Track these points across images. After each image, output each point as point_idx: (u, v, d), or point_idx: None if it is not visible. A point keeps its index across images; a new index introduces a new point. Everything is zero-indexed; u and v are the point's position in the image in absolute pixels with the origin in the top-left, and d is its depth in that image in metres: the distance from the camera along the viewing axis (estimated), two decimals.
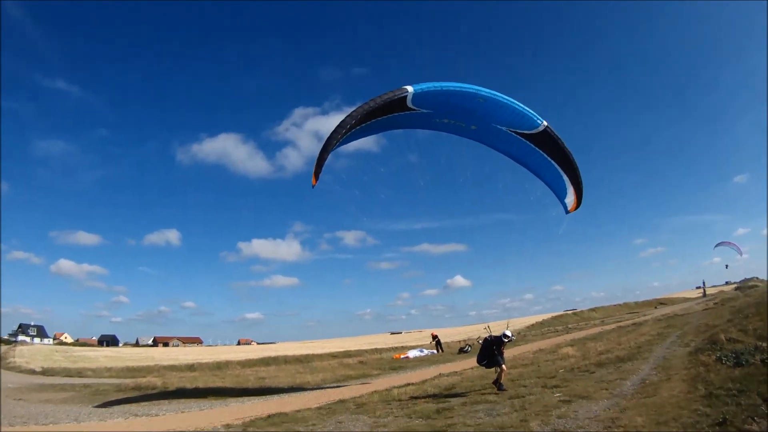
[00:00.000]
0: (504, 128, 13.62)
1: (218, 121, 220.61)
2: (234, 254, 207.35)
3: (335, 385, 17.12)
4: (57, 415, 10.93)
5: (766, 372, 8.38)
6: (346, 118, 12.10)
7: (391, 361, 27.41)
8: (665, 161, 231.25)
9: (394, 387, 14.17)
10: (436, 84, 12.52)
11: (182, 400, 14.02)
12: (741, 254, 48.90)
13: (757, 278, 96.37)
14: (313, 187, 12.30)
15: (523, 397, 10.14)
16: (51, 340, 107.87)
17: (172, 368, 29.69)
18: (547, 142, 13.77)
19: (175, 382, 20.24)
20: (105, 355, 53.48)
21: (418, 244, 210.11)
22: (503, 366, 11.43)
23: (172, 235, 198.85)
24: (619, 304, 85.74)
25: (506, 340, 11.47)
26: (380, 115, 12.52)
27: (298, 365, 29.74)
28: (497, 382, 11.37)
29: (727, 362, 10.31)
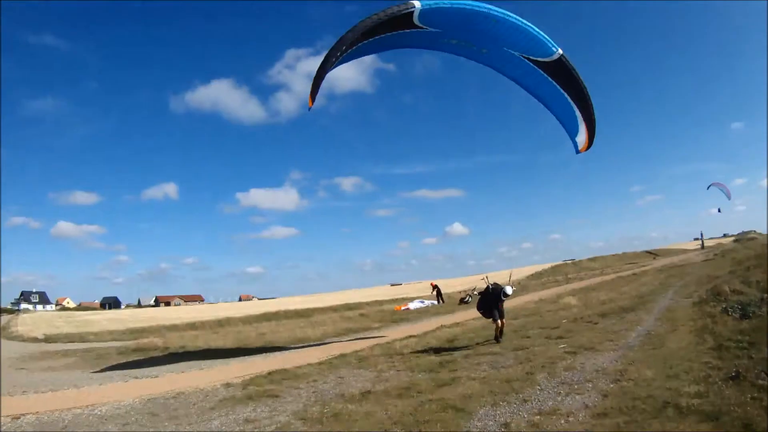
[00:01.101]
0: (516, 53, 12.95)
1: (209, 67, 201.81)
2: (232, 205, 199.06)
3: (336, 339, 17.04)
4: (57, 381, 10.89)
5: None
6: (346, 33, 11.11)
7: (392, 313, 27.30)
8: (662, 106, 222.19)
9: (396, 340, 14.16)
10: (446, 0, 11.53)
11: (183, 361, 13.94)
12: (729, 197, 48.94)
13: (755, 231, 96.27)
14: (309, 109, 11.66)
15: (527, 348, 10.15)
16: (54, 306, 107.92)
17: (174, 328, 29.52)
18: (561, 72, 13.02)
19: (176, 341, 20.08)
20: (107, 318, 52.02)
21: (416, 190, 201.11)
22: (500, 321, 11.43)
23: (170, 189, 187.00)
24: (618, 254, 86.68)
25: (504, 298, 11.34)
26: (383, 32, 11.67)
27: (299, 320, 29.68)
28: (496, 338, 11.54)
29: (734, 314, 10.22)
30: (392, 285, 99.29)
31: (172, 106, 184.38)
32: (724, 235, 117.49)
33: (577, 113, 13.78)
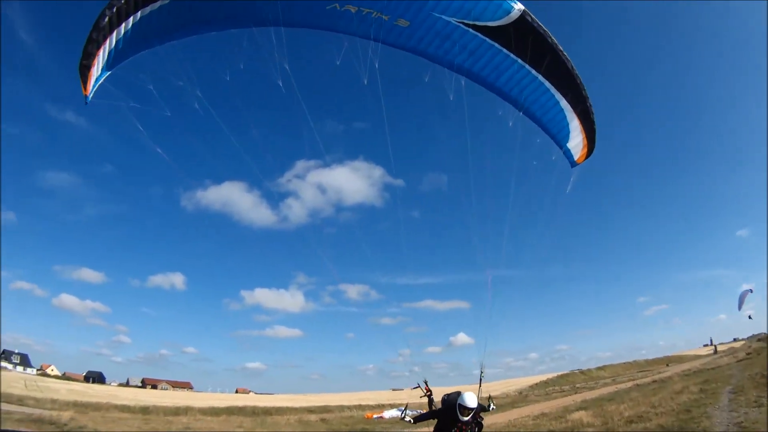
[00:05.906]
0: (452, 20, 8.10)
1: (221, 169, 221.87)
2: (237, 302, 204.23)
3: None
4: None
5: None
6: None
7: (360, 421, 24.16)
8: (664, 216, 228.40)
9: None
10: None
11: None
12: (746, 297, 44.88)
13: (765, 333, 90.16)
14: (86, 102, 6.85)
15: None
16: (35, 370, 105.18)
17: (124, 409, 27.99)
18: (526, 41, 8.02)
19: (85, 422, 18.19)
20: (70, 389, 49.39)
21: (422, 300, 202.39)
22: None
23: (177, 279, 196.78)
24: (629, 362, 78.76)
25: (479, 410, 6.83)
26: None
27: (255, 417, 26.95)
28: None
29: None
30: (393, 390, 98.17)
31: (183, 202, 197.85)
32: (735, 339, 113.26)
33: (563, 102, 8.79)
